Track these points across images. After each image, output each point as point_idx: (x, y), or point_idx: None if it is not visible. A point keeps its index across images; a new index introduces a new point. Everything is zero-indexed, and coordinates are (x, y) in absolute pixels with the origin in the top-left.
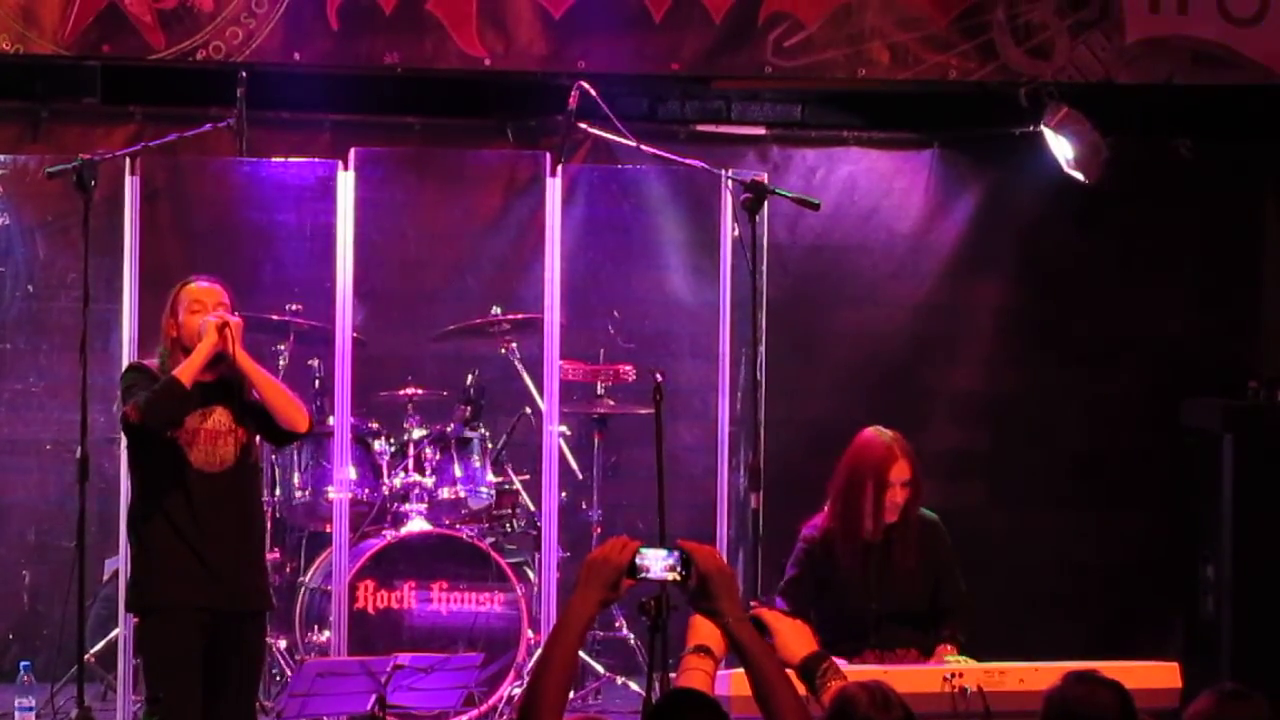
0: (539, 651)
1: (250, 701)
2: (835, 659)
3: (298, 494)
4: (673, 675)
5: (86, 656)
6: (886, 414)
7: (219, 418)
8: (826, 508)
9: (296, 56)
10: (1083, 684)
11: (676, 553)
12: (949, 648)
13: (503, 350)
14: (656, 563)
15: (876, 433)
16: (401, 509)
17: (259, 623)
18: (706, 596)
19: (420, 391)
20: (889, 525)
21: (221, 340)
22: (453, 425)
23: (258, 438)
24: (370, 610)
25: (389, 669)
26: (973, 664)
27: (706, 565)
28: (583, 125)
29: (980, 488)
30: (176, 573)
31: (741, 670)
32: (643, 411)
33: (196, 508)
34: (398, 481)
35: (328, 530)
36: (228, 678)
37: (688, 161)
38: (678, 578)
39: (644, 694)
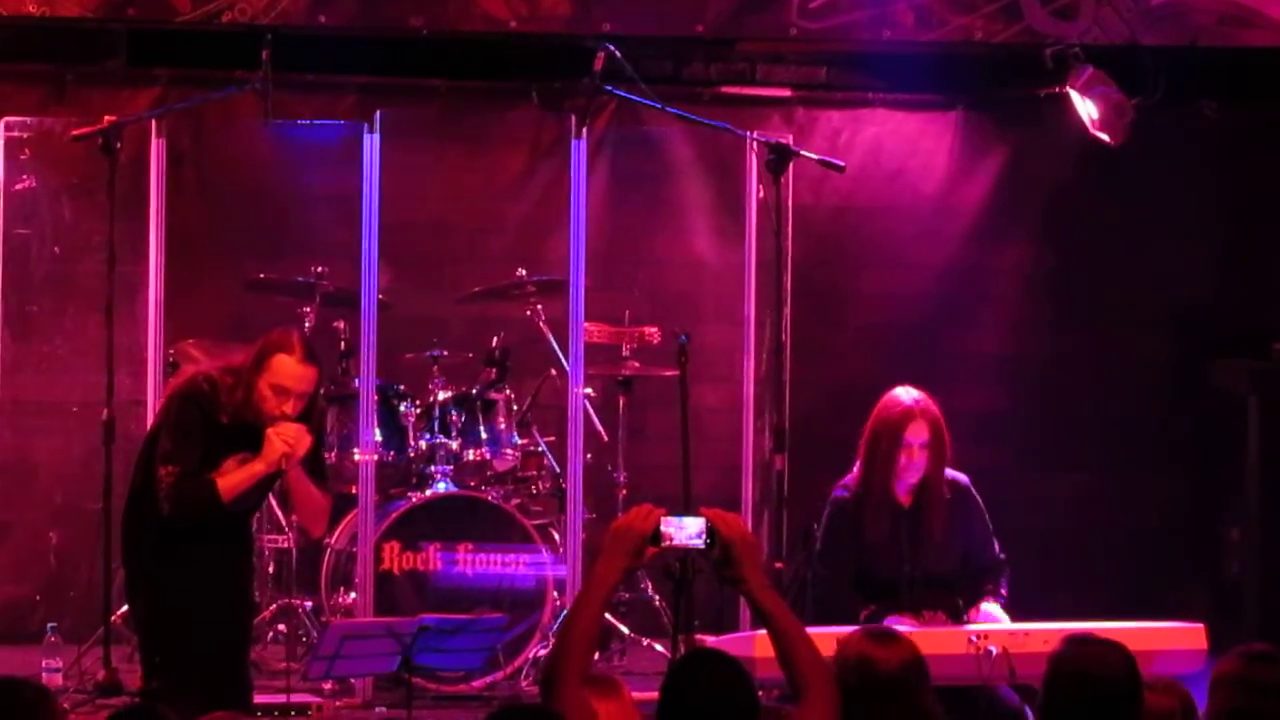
0: (563, 617)
1: (246, 655)
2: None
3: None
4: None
5: (113, 618)
6: (911, 376)
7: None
8: (856, 469)
9: (322, 19)
10: (1091, 646)
11: (701, 520)
12: (992, 601)
13: (528, 312)
14: (680, 531)
15: (900, 392)
16: (427, 471)
17: (250, 601)
18: (730, 564)
19: (445, 353)
20: (918, 489)
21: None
22: (478, 387)
23: None
24: (395, 572)
25: (414, 630)
26: (1005, 622)
27: (730, 533)
28: (608, 87)
29: (1004, 450)
30: (178, 584)
31: (765, 632)
32: (667, 373)
33: (207, 537)
34: (423, 443)
35: (353, 492)
36: (221, 632)
37: (712, 124)
38: (702, 546)
39: (669, 655)
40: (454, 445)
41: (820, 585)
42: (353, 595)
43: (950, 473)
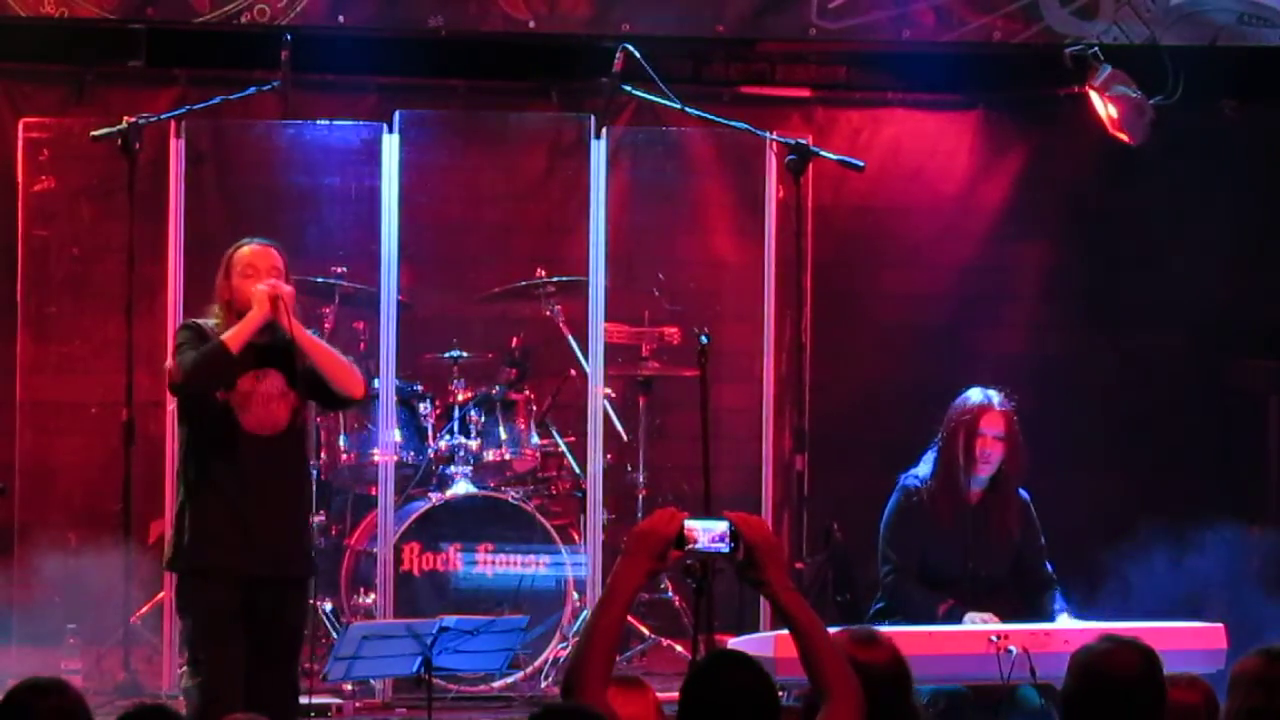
0: (585, 619)
1: (293, 668)
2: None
3: (343, 456)
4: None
5: (132, 620)
6: (932, 376)
7: (273, 381)
8: (926, 462)
9: (341, 19)
10: (1108, 643)
11: (725, 524)
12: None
13: (548, 313)
14: (704, 534)
15: (974, 390)
16: (447, 471)
17: (301, 589)
18: (754, 567)
19: (465, 354)
20: (990, 488)
21: (273, 311)
22: (498, 388)
23: (308, 400)
24: (415, 572)
25: (434, 631)
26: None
27: (754, 536)
28: (627, 87)
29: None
30: (217, 537)
31: (788, 633)
32: (687, 373)
33: (245, 471)
34: (443, 444)
35: (373, 493)
36: (269, 645)
37: (732, 124)
38: (726, 549)
39: (689, 655)
40: (474, 445)
41: (893, 572)
42: (372, 596)
43: None
